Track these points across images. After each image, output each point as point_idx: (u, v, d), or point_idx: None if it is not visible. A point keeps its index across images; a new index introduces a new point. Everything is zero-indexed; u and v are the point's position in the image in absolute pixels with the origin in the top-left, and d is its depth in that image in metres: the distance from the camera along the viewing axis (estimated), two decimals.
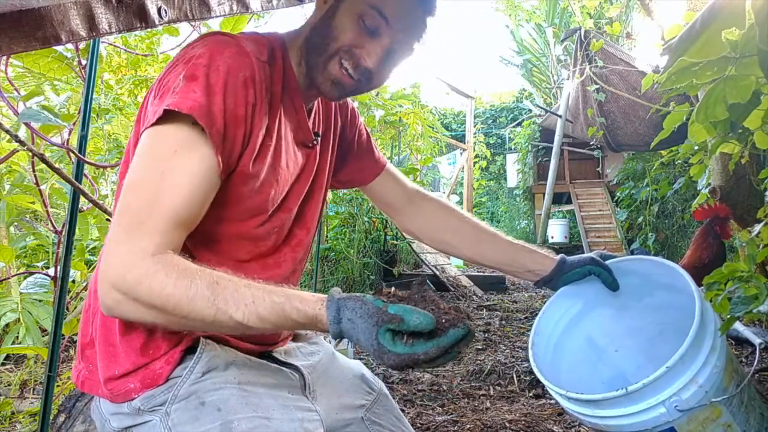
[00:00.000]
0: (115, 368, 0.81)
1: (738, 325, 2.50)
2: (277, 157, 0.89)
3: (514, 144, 10.93)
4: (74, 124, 1.57)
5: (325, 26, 0.89)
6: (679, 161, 4.79)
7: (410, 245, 5.43)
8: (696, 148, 2.25)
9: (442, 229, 1.22)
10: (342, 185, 1.21)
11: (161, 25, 1.10)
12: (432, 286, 4.88)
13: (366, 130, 1.19)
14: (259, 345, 0.94)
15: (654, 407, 0.95)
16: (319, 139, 1.02)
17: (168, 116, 0.74)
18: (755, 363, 1.14)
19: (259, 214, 0.88)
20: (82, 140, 1.56)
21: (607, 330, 1.27)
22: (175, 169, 0.74)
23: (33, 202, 2.26)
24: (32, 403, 2.23)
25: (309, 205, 1.01)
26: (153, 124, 0.75)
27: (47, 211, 1.76)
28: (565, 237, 9.15)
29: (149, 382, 0.80)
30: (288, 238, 0.97)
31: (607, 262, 1.17)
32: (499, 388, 2.47)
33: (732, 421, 0.99)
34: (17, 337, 2.33)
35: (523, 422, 2.01)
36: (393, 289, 0.74)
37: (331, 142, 1.07)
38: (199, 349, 0.82)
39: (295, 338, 1.07)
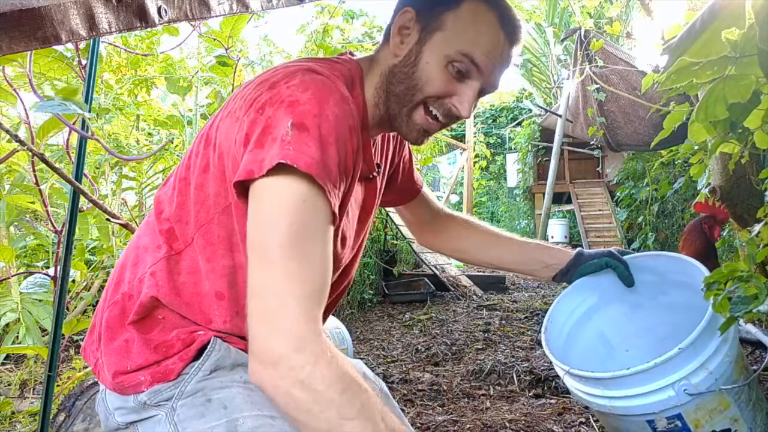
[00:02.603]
0: (127, 363, 0.81)
1: (749, 327, 2.47)
2: (349, 198, 0.86)
3: (514, 144, 10.92)
4: (74, 123, 1.57)
5: (408, 74, 0.84)
6: (679, 161, 4.79)
7: (410, 245, 5.42)
8: (696, 147, 2.25)
9: (463, 243, 1.27)
10: (380, 205, 1.21)
11: (161, 24, 1.10)
12: (432, 286, 4.87)
13: (410, 152, 1.19)
14: None
15: (663, 389, 0.96)
16: (379, 170, 1.01)
17: (280, 167, 0.69)
18: (765, 361, 1.15)
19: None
20: (82, 140, 1.57)
21: (620, 328, 1.27)
22: (313, 232, 0.70)
23: (33, 202, 2.26)
24: (32, 402, 2.23)
25: (361, 234, 1.01)
26: (264, 176, 0.70)
27: (47, 211, 1.76)
28: (565, 237, 9.15)
29: (160, 376, 0.81)
30: (342, 271, 0.98)
31: (624, 257, 1.19)
32: (499, 387, 2.47)
33: (739, 415, 0.99)
34: (17, 336, 2.33)
35: (523, 422, 2.01)
36: None
37: (384, 168, 1.07)
38: (209, 347, 0.82)
39: None
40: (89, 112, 1.48)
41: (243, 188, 0.74)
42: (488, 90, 0.88)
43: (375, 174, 0.97)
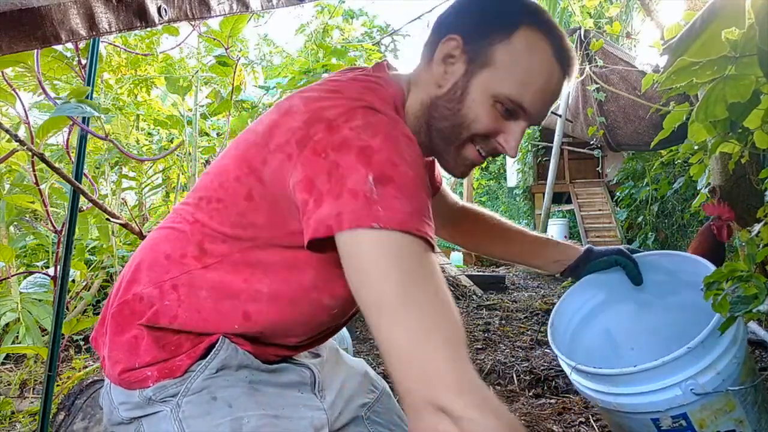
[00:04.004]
0: (135, 360, 0.82)
1: (755, 327, 2.47)
2: None
3: None
4: (73, 123, 1.57)
5: (453, 110, 0.81)
6: (679, 161, 4.79)
7: None
8: (696, 147, 2.25)
9: (473, 236, 1.29)
10: None
11: (161, 24, 1.09)
12: None
13: None
14: (281, 349, 0.93)
15: (670, 388, 0.95)
16: None
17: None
18: None
19: None
20: (82, 140, 1.57)
21: (627, 326, 1.26)
22: (425, 276, 0.67)
23: (33, 202, 2.27)
24: (32, 402, 2.23)
25: None
26: (353, 228, 0.65)
27: (47, 211, 1.76)
28: (565, 236, 9.14)
29: (167, 372, 0.81)
30: None
31: (635, 255, 1.19)
32: (499, 387, 2.47)
33: (744, 417, 0.98)
34: (17, 336, 2.34)
35: (522, 422, 2.01)
36: None
37: None
38: (216, 346, 0.82)
39: None
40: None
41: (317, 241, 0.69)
42: (535, 125, 0.86)
43: None
